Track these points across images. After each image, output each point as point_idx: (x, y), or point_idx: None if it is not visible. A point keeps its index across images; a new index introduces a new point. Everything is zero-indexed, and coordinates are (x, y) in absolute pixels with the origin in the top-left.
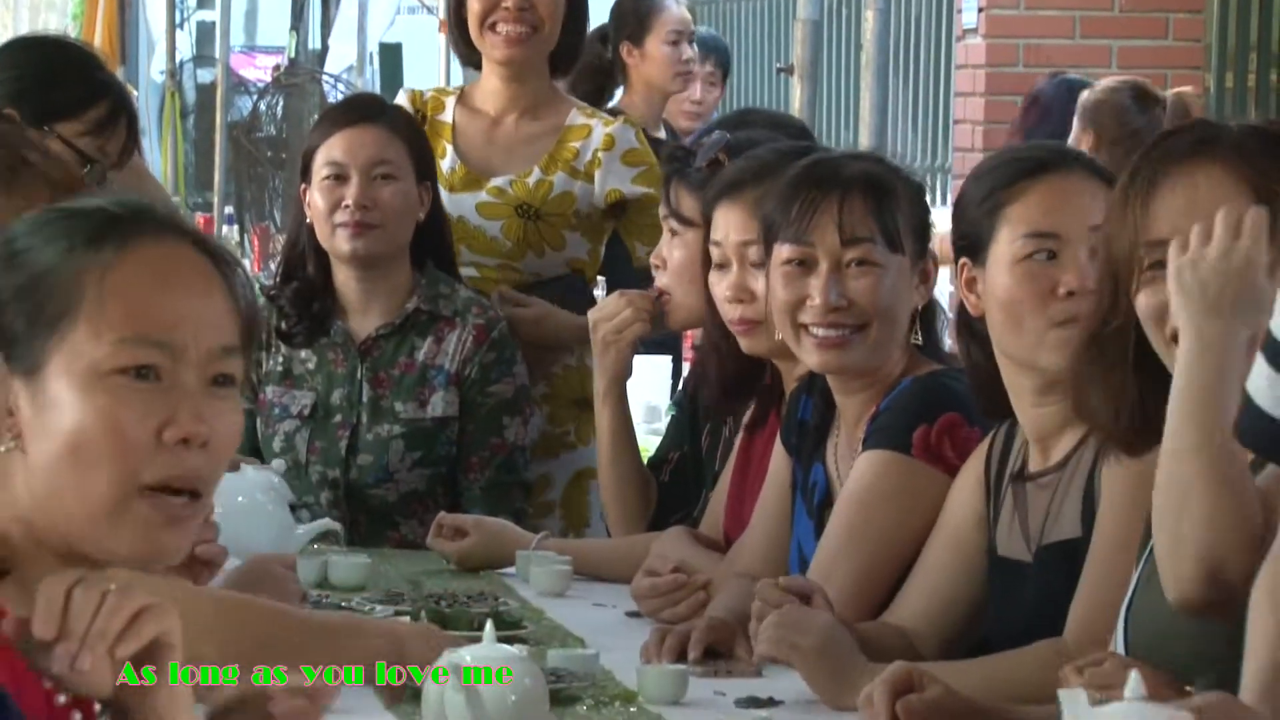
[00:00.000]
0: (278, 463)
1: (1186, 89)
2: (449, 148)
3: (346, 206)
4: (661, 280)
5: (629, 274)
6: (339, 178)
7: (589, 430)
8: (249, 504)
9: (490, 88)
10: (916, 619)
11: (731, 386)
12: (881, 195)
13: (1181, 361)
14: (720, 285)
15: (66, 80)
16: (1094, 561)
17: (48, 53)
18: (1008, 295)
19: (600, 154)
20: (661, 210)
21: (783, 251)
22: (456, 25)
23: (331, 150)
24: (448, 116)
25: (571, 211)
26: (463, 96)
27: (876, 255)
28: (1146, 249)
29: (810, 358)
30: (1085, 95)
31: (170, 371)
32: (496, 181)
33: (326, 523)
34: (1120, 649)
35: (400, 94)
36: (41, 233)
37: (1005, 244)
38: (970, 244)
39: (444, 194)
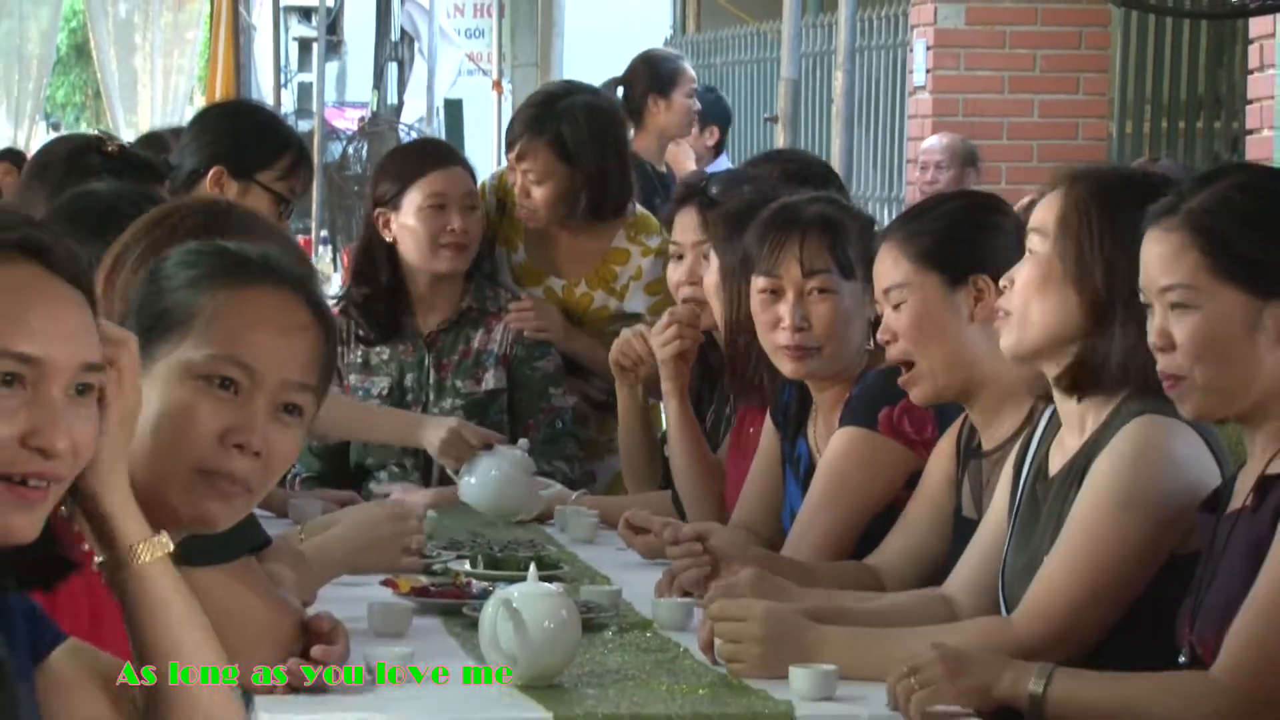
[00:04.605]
0: (523, 441)
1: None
2: (521, 245)
3: (451, 230)
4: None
5: None
6: (440, 207)
7: None
8: (501, 475)
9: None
10: (894, 562)
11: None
12: (835, 232)
13: None
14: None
15: (260, 137)
16: (980, 532)
17: (241, 117)
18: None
19: (631, 282)
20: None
21: (758, 282)
22: None
23: (432, 184)
24: (520, 212)
25: (606, 319)
26: None
27: (832, 283)
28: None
29: (784, 367)
30: None
31: (246, 390)
32: (551, 283)
33: (560, 490)
34: (1002, 608)
35: (490, 176)
36: (185, 261)
37: None
38: None
39: (509, 281)
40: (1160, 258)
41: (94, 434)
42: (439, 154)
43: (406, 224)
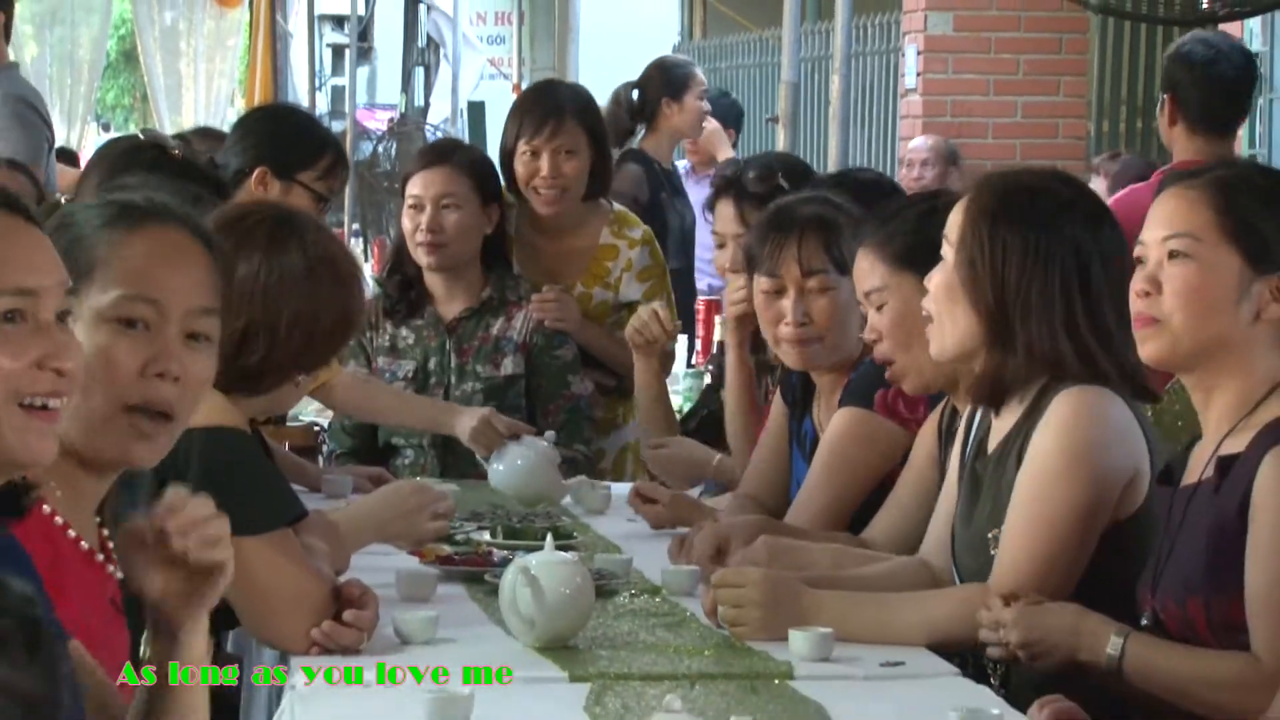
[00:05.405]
0: (549, 434)
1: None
2: (514, 261)
3: (421, 230)
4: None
5: None
6: (417, 207)
7: (630, 413)
8: (527, 465)
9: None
10: (886, 534)
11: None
12: (829, 231)
13: None
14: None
15: (301, 140)
16: (940, 502)
17: (281, 121)
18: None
19: (623, 274)
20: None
21: (760, 282)
22: (506, 168)
23: (412, 186)
24: (510, 228)
25: (606, 312)
26: (520, 209)
27: (830, 280)
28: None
29: (788, 358)
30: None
31: (156, 324)
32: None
33: (583, 479)
34: (955, 576)
35: None
36: (88, 210)
37: None
38: None
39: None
40: (1173, 211)
41: (83, 354)
42: (429, 155)
43: (402, 223)
